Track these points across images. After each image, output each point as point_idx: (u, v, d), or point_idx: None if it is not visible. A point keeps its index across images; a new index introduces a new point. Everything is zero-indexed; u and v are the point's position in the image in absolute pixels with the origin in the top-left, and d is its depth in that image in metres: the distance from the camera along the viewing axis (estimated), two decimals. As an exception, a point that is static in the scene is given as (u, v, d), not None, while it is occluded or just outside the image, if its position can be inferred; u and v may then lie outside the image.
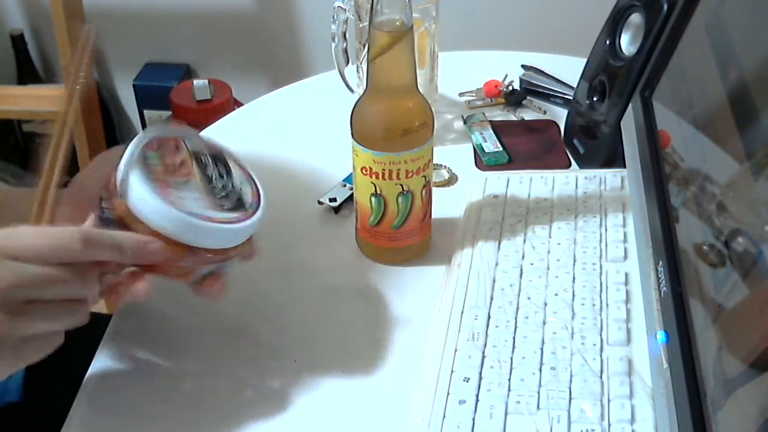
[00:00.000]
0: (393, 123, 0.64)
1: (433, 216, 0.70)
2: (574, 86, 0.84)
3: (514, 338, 0.60)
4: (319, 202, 0.77)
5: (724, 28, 0.58)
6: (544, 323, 0.61)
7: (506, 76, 0.93)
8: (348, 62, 0.86)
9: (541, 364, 0.57)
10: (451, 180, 0.80)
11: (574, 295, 0.63)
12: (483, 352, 0.59)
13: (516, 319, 0.61)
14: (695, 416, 0.47)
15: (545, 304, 0.62)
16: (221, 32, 1.84)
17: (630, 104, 0.72)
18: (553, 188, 0.74)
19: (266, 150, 0.87)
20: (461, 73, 0.95)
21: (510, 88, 0.92)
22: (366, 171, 0.65)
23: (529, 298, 0.63)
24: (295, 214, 0.77)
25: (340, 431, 0.57)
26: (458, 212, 0.75)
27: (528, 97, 0.92)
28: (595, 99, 0.79)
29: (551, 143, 0.86)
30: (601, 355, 0.58)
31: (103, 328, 0.65)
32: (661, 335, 0.54)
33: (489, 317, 0.61)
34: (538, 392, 0.55)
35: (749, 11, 0.55)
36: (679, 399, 0.49)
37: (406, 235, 0.68)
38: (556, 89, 0.92)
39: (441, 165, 0.81)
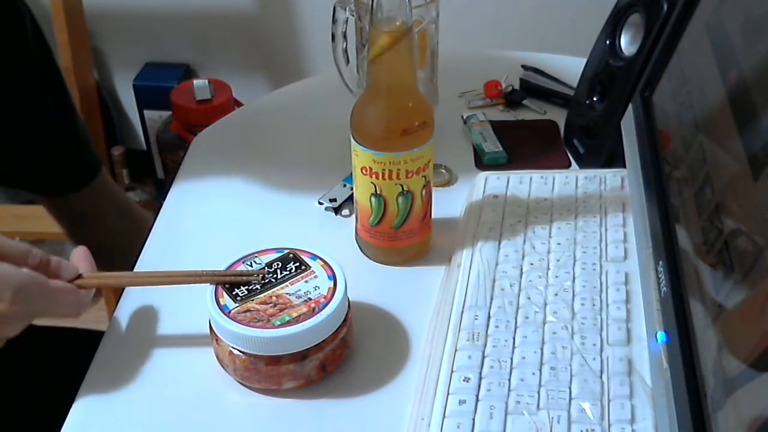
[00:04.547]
0: (393, 123, 0.64)
1: (433, 216, 0.70)
2: (574, 86, 0.84)
3: (514, 338, 0.60)
4: (319, 202, 0.77)
5: (724, 28, 0.58)
6: (544, 323, 0.61)
7: (506, 76, 0.93)
8: (348, 62, 0.86)
9: (541, 364, 0.57)
10: (451, 180, 0.80)
11: (574, 295, 0.63)
12: (483, 352, 0.59)
13: (516, 319, 0.61)
14: (695, 416, 0.47)
15: (545, 304, 0.62)
16: (221, 32, 1.84)
17: (630, 104, 0.72)
18: (553, 188, 0.74)
19: (266, 150, 0.87)
20: (461, 73, 0.95)
21: (510, 88, 0.92)
22: (366, 171, 0.65)
23: (529, 298, 0.63)
24: (295, 214, 0.77)
25: (340, 431, 0.57)
26: (458, 212, 0.75)
27: (528, 97, 0.92)
28: (595, 99, 0.79)
29: (551, 143, 0.86)
30: (601, 355, 0.58)
31: (95, 346, 0.65)
32: (661, 335, 0.54)
33: (489, 317, 0.61)
34: (538, 392, 0.55)
35: (749, 11, 0.55)
36: (679, 399, 0.49)
37: (406, 235, 0.68)
38: (556, 89, 0.92)
39: (441, 165, 0.81)
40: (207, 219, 0.78)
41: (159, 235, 0.76)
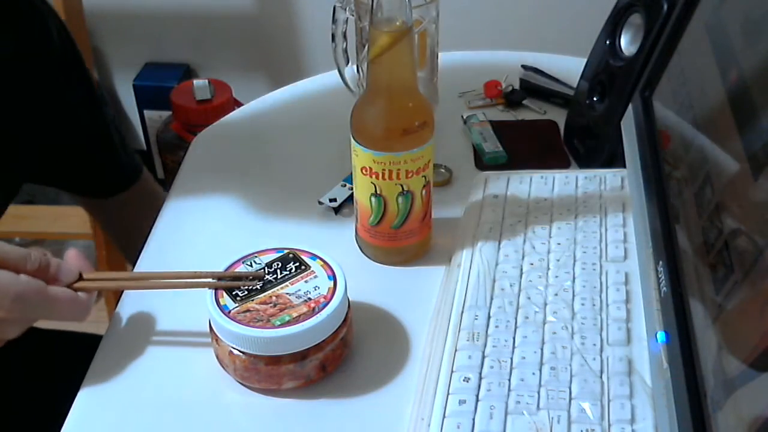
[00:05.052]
0: (393, 123, 0.64)
1: (433, 216, 0.71)
2: (574, 86, 0.84)
3: (514, 338, 0.60)
4: (320, 202, 0.77)
5: (724, 28, 0.58)
6: (544, 323, 0.61)
7: (506, 76, 0.93)
8: (348, 62, 0.86)
9: (541, 364, 0.57)
10: (451, 180, 0.80)
11: (574, 295, 0.63)
12: (483, 352, 0.59)
13: (516, 319, 0.61)
14: (695, 416, 0.47)
15: (545, 304, 0.62)
16: (221, 32, 1.84)
17: (630, 104, 0.72)
18: (553, 188, 0.74)
19: (266, 150, 0.87)
20: (461, 73, 0.95)
21: (510, 88, 0.92)
22: (366, 171, 0.65)
23: (529, 298, 0.63)
24: (295, 214, 0.77)
25: (340, 431, 0.57)
26: (458, 212, 0.75)
27: (528, 97, 0.92)
28: (595, 99, 0.79)
29: (551, 143, 0.86)
30: (601, 355, 0.58)
31: (95, 346, 0.65)
32: (661, 335, 0.54)
33: (489, 317, 0.61)
34: (538, 392, 0.55)
35: (749, 11, 0.55)
36: (679, 399, 0.49)
37: (406, 235, 0.68)
38: (556, 89, 0.92)
39: (441, 165, 0.81)
40: (207, 219, 0.78)
41: (159, 234, 0.76)
